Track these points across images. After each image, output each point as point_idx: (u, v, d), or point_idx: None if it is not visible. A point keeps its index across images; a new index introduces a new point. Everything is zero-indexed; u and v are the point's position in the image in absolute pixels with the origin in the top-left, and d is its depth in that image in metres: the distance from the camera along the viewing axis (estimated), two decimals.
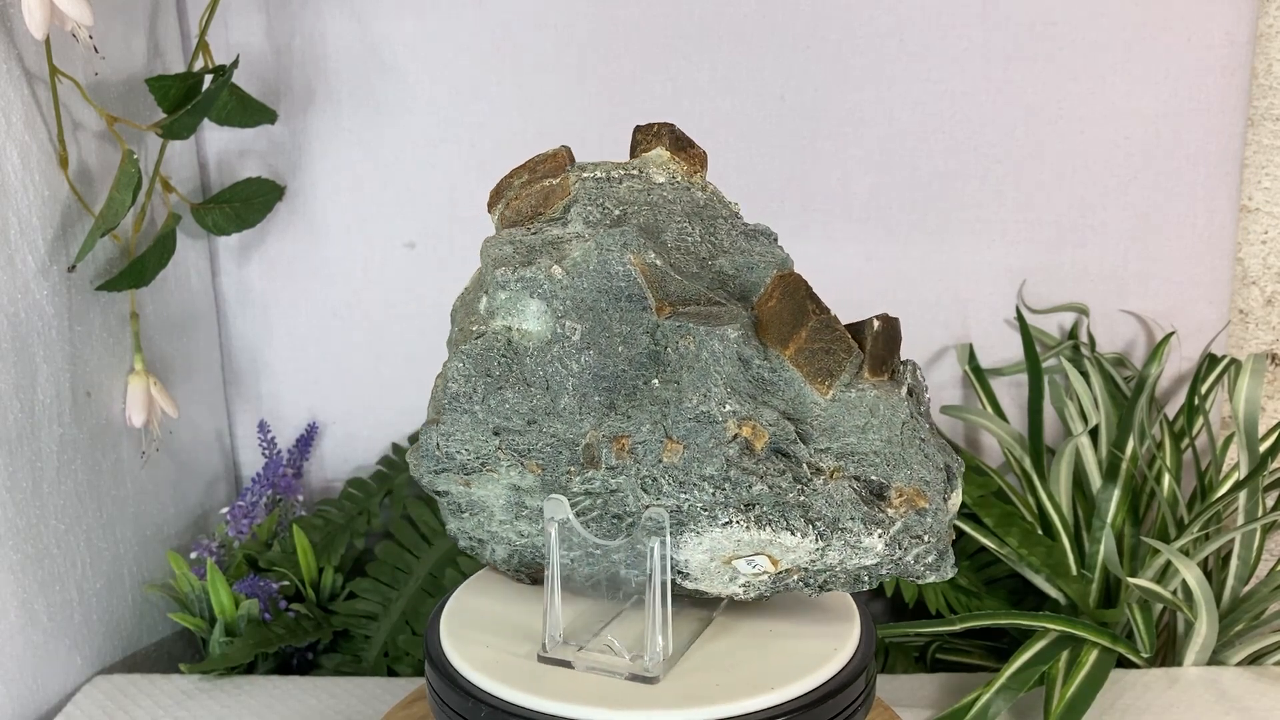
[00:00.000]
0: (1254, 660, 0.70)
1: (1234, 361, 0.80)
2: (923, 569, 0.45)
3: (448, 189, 0.83)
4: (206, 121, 0.77)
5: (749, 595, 0.46)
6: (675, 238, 0.47)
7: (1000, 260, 0.84)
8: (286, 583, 0.75)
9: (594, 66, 0.81)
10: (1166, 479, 0.73)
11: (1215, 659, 0.70)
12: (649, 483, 0.44)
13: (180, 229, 0.76)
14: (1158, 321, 0.84)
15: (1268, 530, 0.73)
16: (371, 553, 0.80)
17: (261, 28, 0.81)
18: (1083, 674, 0.63)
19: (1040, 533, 0.73)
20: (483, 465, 0.47)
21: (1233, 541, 0.72)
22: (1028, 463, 0.76)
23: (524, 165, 0.50)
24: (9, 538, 0.64)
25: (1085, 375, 0.79)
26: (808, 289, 0.44)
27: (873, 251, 0.84)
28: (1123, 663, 0.69)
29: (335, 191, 0.84)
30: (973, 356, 0.84)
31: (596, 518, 0.46)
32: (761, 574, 0.45)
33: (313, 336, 0.87)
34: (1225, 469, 0.77)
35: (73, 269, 0.68)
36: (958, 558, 0.76)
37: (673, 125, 0.49)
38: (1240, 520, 0.71)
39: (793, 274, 0.44)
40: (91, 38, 0.66)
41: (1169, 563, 0.67)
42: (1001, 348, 0.85)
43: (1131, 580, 0.66)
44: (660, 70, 0.81)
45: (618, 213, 0.47)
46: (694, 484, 0.43)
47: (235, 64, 0.70)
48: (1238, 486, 0.70)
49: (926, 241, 0.83)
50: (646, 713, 0.42)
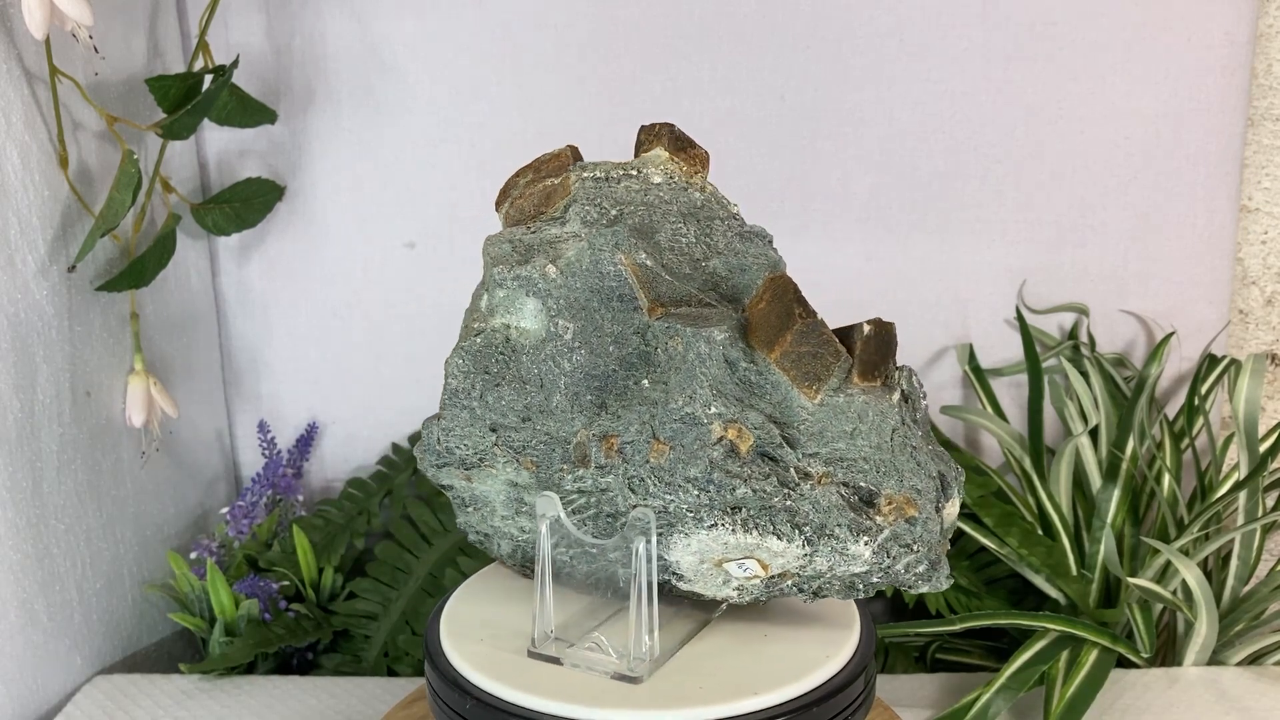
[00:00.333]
0: (1254, 660, 0.70)
1: (1234, 361, 0.80)
2: (913, 579, 0.44)
3: (448, 189, 0.83)
4: (206, 121, 0.76)
5: (744, 599, 0.46)
6: (669, 238, 0.47)
7: (1000, 260, 0.84)
8: (286, 583, 0.75)
9: (594, 66, 0.81)
10: (1166, 479, 0.73)
11: (1215, 659, 0.70)
12: (636, 483, 0.44)
13: (180, 229, 0.76)
14: (1158, 321, 0.84)
15: (1268, 530, 0.73)
16: (371, 553, 0.80)
17: (261, 28, 0.81)
18: (1083, 674, 0.63)
19: (1040, 533, 0.73)
20: (481, 461, 0.47)
21: (1233, 541, 0.72)
22: (1028, 463, 0.76)
23: (529, 165, 0.50)
24: (9, 538, 0.64)
25: (1085, 375, 0.79)
26: (796, 292, 0.43)
27: (873, 251, 0.84)
28: (1123, 663, 0.69)
29: (335, 191, 0.84)
30: (973, 356, 0.84)
31: (593, 516, 0.46)
32: (753, 578, 0.44)
33: (313, 336, 0.87)
34: (1225, 469, 0.77)
35: (73, 269, 0.68)
36: (958, 558, 0.77)
37: (673, 125, 0.49)
38: (1240, 520, 0.71)
39: (782, 276, 0.44)
40: (91, 38, 0.66)
41: (1169, 563, 0.67)
42: (1001, 348, 0.85)
43: (1131, 580, 0.66)
44: (660, 70, 0.81)
45: (614, 213, 0.47)
46: (679, 485, 0.43)
47: (235, 64, 0.70)
48: (1238, 486, 0.70)
49: (926, 241, 0.83)
50: (622, 711, 0.42)
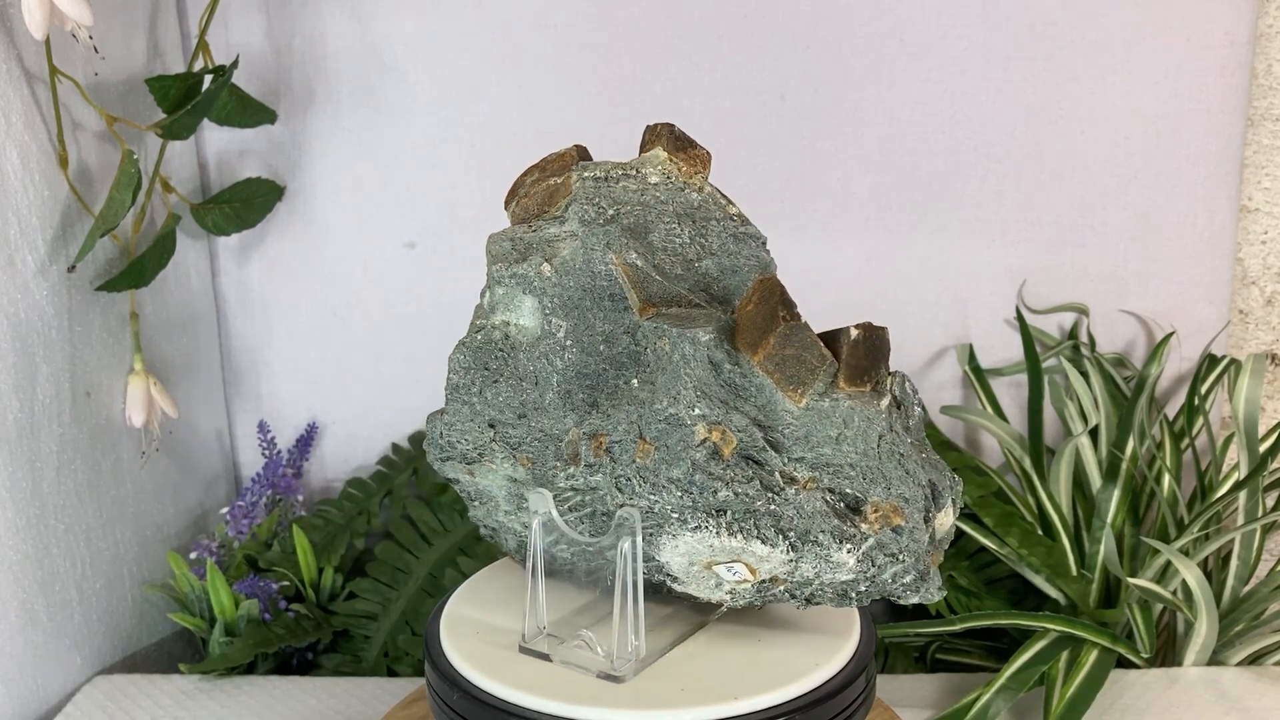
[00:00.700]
0: (1254, 660, 0.70)
1: (1234, 361, 0.80)
2: (901, 589, 0.44)
3: (448, 189, 0.83)
4: (206, 121, 0.76)
5: (737, 603, 0.45)
6: (662, 238, 0.46)
7: (1000, 260, 0.84)
8: (286, 583, 0.75)
9: (594, 66, 0.81)
10: (1166, 479, 0.73)
11: (1215, 659, 0.70)
12: (623, 482, 0.44)
13: (180, 229, 0.76)
14: (1158, 321, 0.84)
15: (1268, 530, 0.73)
16: (371, 553, 0.80)
17: (261, 28, 0.81)
18: (1083, 674, 0.63)
19: (1040, 533, 0.73)
20: (481, 456, 0.48)
21: (1233, 541, 0.72)
22: (1028, 463, 0.76)
23: (536, 164, 0.50)
24: (9, 538, 0.64)
25: (1085, 375, 0.79)
26: (782, 295, 0.42)
27: (873, 251, 0.84)
28: (1123, 663, 0.69)
29: (335, 191, 0.84)
30: (973, 356, 0.84)
31: (590, 514, 0.46)
32: (743, 582, 0.44)
33: (313, 336, 0.87)
34: (1225, 469, 0.77)
35: (73, 269, 0.68)
36: (958, 558, 0.76)
37: (673, 125, 0.49)
38: (1240, 520, 0.71)
39: (770, 279, 0.43)
40: (91, 38, 0.66)
41: (1169, 563, 0.67)
42: (1001, 348, 0.85)
43: (1131, 580, 0.66)
44: (660, 70, 0.81)
45: (611, 212, 0.47)
46: (663, 486, 0.43)
47: (235, 64, 0.70)
48: (1238, 486, 0.70)
49: (926, 241, 0.83)
50: (596, 709, 0.42)
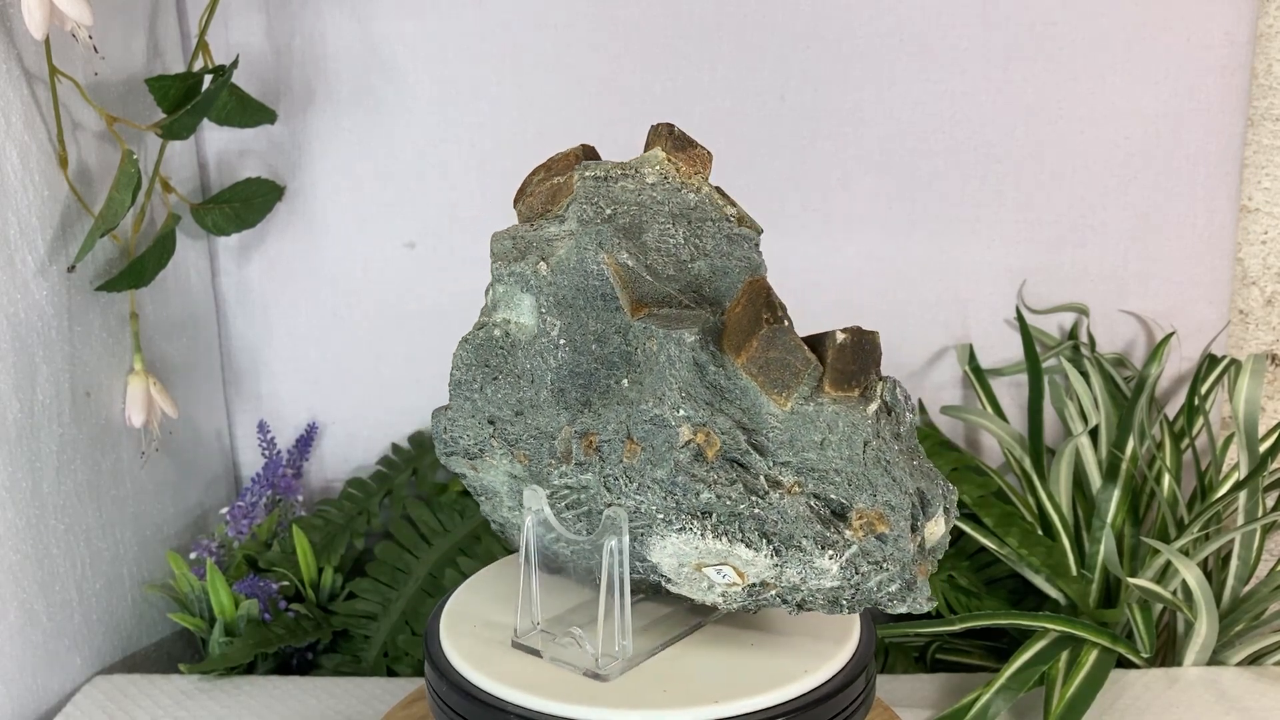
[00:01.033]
0: (1254, 660, 0.70)
1: (1234, 362, 0.80)
2: (887, 598, 0.43)
3: (448, 189, 0.83)
4: (206, 121, 0.76)
5: (730, 606, 0.45)
6: (656, 239, 0.46)
7: (1000, 260, 0.84)
8: (286, 583, 0.75)
9: (594, 66, 0.81)
10: (1166, 479, 0.73)
11: (1215, 659, 0.70)
12: (611, 481, 0.44)
13: (180, 229, 0.76)
14: (1158, 321, 0.84)
15: (1268, 530, 0.73)
16: (371, 553, 0.80)
17: (261, 28, 0.81)
18: (1083, 674, 0.63)
19: (1040, 533, 0.73)
20: (481, 452, 0.48)
21: (1233, 541, 0.72)
22: (1028, 463, 0.76)
23: (543, 163, 0.50)
24: (9, 538, 0.64)
25: (1085, 375, 0.79)
26: (767, 297, 0.42)
27: (873, 251, 0.84)
28: (1123, 663, 0.69)
29: (335, 191, 0.84)
30: (973, 356, 0.84)
31: (585, 512, 0.46)
32: (732, 585, 0.44)
33: (313, 336, 0.87)
34: (1225, 469, 0.77)
35: (72, 269, 0.68)
36: (958, 558, 0.76)
37: (673, 125, 0.49)
38: (1240, 520, 0.71)
39: (757, 281, 0.43)
40: (91, 38, 0.66)
41: (1169, 563, 0.67)
42: (1001, 348, 0.85)
43: (1131, 580, 0.66)
44: (660, 70, 0.81)
45: (609, 212, 0.47)
46: (647, 486, 0.43)
47: (235, 64, 0.70)
48: (1238, 486, 0.70)
49: (926, 241, 0.83)
50: (574, 706, 0.43)
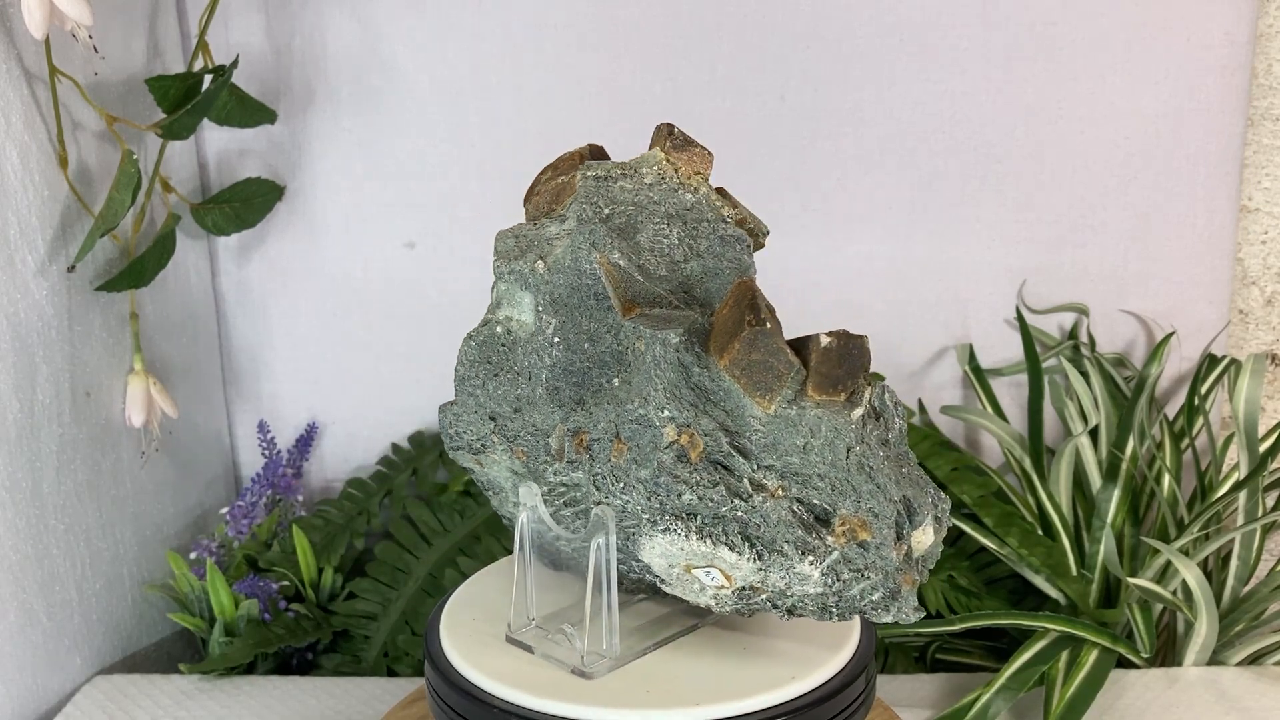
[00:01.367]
0: (1254, 660, 0.70)
1: (1234, 361, 0.80)
2: (870, 607, 0.42)
3: (448, 189, 0.83)
4: (206, 121, 0.76)
5: (722, 609, 0.44)
6: (650, 239, 0.46)
7: (1000, 260, 0.84)
8: (286, 583, 0.75)
9: (594, 66, 0.81)
10: (1166, 479, 0.73)
11: (1215, 659, 0.70)
12: (600, 480, 0.44)
13: (180, 229, 0.76)
14: (1158, 321, 0.84)
15: (1268, 530, 0.73)
16: (371, 553, 0.80)
17: (261, 28, 0.81)
18: (1083, 674, 0.63)
19: (1040, 533, 0.73)
20: (484, 447, 0.48)
21: (1233, 541, 0.72)
22: (1028, 463, 0.76)
23: (552, 162, 0.50)
24: (9, 538, 0.64)
25: (1085, 375, 0.79)
26: (752, 299, 0.42)
27: (873, 251, 0.84)
28: (1123, 663, 0.69)
29: (335, 191, 0.84)
30: (973, 356, 0.84)
31: (583, 510, 0.46)
32: (721, 588, 0.43)
33: (313, 336, 0.87)
34: (1225, 469, 0.77)
35: (72, 269, 0.68)
36: (958, 558, 0.76)
37: (672, 125, 0.49)
38: (1240, 520, 0.71)
39: (744, 282, 0.42)
40: (91, 38, 0.66)
41: (1169, 563, 0.67)
42: (1001, 348, 0.85)
43: (1131, 580, 0.66)
44: (660, 70, 0.81)
45: (607, 211, 0.47)
46: (632, 486, 0.43)
47: (235, 64, 0.70)
48: (1238, 486, 0.70)
49: (926, 241, 0.83)
50: (551, 702, 0.43)
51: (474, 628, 0.48)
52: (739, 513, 0.42)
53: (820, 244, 0.83)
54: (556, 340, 0.46)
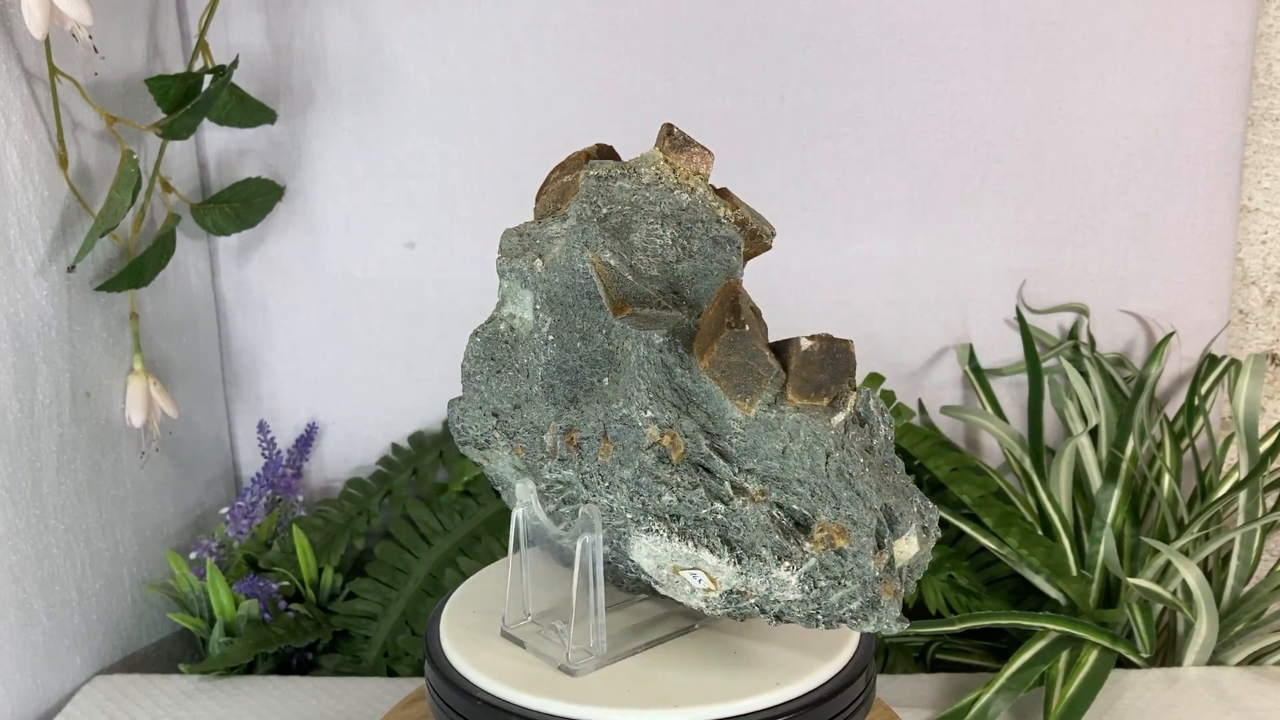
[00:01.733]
0: (1254, 660, 0.70)
1: (1234, 362, 0.80)
2: (849, 615, 0.42)
3: (448, 189, 0.83)
4: (206, 121, 0.76)
5: (712, 612, 0.44)
6: (644, 238, 0.46)
7: (1000, 260, 0.84)
8: (286, 583, 0.75)
9: (594, 66, 0.81)
10: (1166, 479, 0.73)
11: (1215, 659, 0.70)
12: (588, 479, 0.44)
13: (180, 229, 0.76)
14: (1158, 321, 0.84)
15: (1268, 530, 0.73)
16: (371, 553, 0.80)
17: (261, 28, 0.81)
18: (1083, 674, 0.63)
19: (1040, 533, 0.73)
20: (487, 443, 0.49)
21: (1233, 541, 0.72)
22: (1028, 463, 0.76)
23: (561, 161, 0.50)
24: (8, 538, 0.64)
25: (1085, 375, 0.79)
26: (734, 301, 0.41)
27: (873, 251, 0.84)
28: (1123, 663, 0.69)
29: (335, 191, 0.84)
30: (973, 356, 0.84)
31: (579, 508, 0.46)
32: (709, 591, 0.43)
33: (313, 336, 0.87)
34: (1225, 469, 0.77)
35: (72, 269, 0.68)
36: (958, 558, 0.76)
37: (672, 125, 0.49)
38: (1240, 520, 0.71)
39: (730, 284, 0.42)
40: (91, 38, 0.66)
41: (1169, 563, 0.67)
42: (1001, 348, 0.85)
43: (1131, 580, 0.66)
44: (660, 70, 0.81)
45: (605, 211, 0.47)
46: (616, 485, 0.43)
47: (235, 64, 0.70)
48: (1238, 486, 0.70)
49: (926, 241, 0.83)
50: (531, 697, 0.43)
51: (474, 628, 0.48)
52: (719, 516, 0.41)
53: (820, 244, 0.83)
54: (551, 338, 0.46)
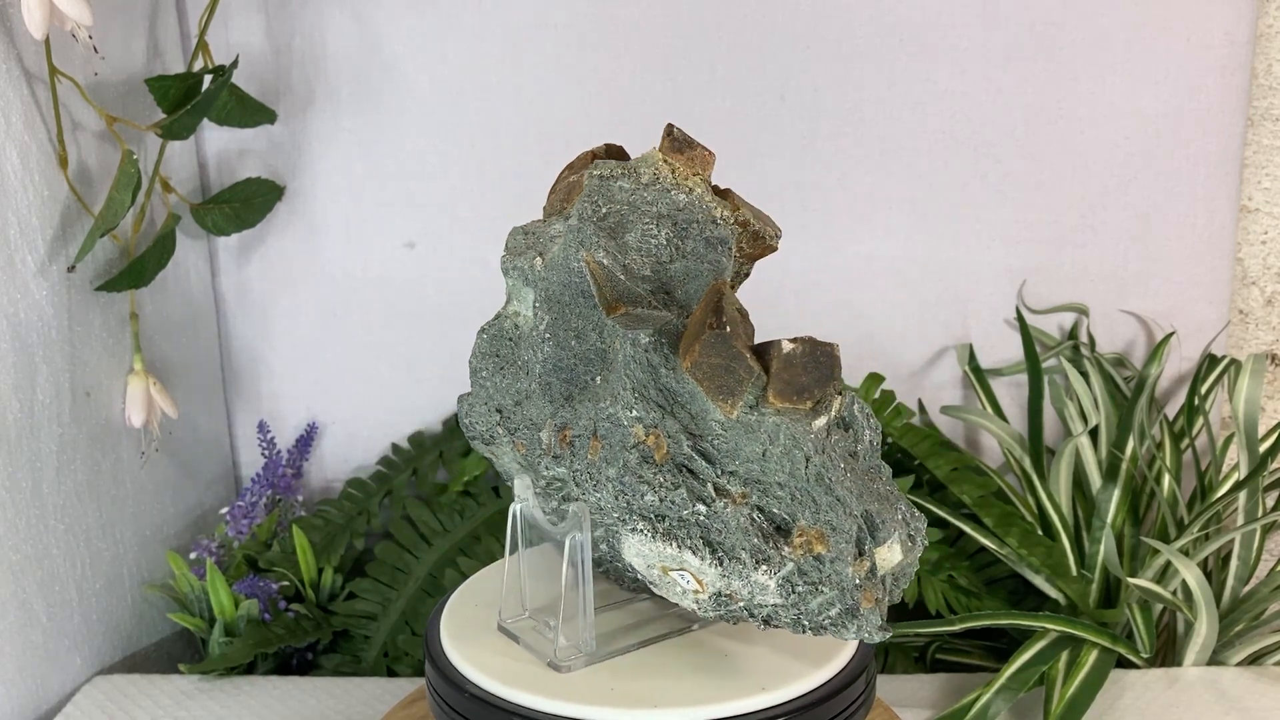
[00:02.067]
0: (1254, 660, 0.71)
1: (1234, 362, 0.80)
2: (828, 622, 0.41)
3: (448, 189, 0.83)
4: (206, 121, 0.76)
5: (705, 614, 0.44)
6: (639, 238, 0.46)
7: (1000, 260, 0.84)
8: (286, 583, 0.75)
9: (594, 66, 0.81)
10: (1166, 479, 0.73)
11: (1215, 659, 0.70)
12: (578, 476, 0.44)
13: (180, 229, 0.76)
14: (1158, 321, 0.84)
15: (1268, 530, 0.73)
16: (371, 553, 0.80)
17: (261, 28, 0.81)
18: (1083, 674, 0.63)
19: (1040, 533, 0.73)
20: (492, 438, 0.49)
21: (1233, 541, 0.72)
22: (1028, 463, 0.76)
23: (571, 162, 0.50)
24: (9, 538, 0.64)
25: (1085, 375, 0.79)
26: (718, 302, 0.41)
27: (873, 251, 0.84)
28: (1123, 663, 0.69)
29: (335, 191, 0.84)
30: (973, 356, 0.84)
31: None
32: (697, 593, 0.43)
33: (313, 336, 0.87)
34: (1225, 469, 0.77)
35: (72, 269, 0.68)
36: (958, 558, 0.76)
37: (672, 126, 0.49)
38: (1240, 520, 0.71)
39: (717, 285, 0.42)
40: (91, 38, 0.66)
41: (1169, 563, 0.67)
42: (1001, 348, 0.85)
43: (1131, 580, 0.66)
44: (660, 70, 0.81)
45: (604, 211, 0.47)
46: (602, 484, 0.43)
47: (235, 64, 0.70)
48: (1238, 486, 0.70)
49: (926, 241, 0.83)
50: (516, 691, 0.43)
51: (475, 627, 0.48)
52: (700, 517, 0.41)
53: (820, 244, 0.83)
54: (548, 336, 0.46)
